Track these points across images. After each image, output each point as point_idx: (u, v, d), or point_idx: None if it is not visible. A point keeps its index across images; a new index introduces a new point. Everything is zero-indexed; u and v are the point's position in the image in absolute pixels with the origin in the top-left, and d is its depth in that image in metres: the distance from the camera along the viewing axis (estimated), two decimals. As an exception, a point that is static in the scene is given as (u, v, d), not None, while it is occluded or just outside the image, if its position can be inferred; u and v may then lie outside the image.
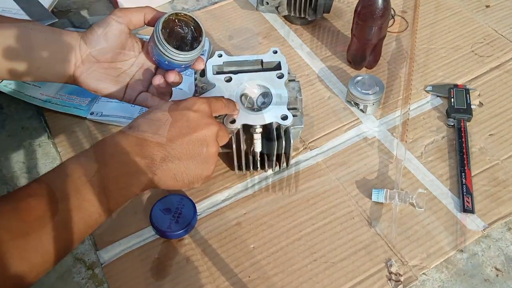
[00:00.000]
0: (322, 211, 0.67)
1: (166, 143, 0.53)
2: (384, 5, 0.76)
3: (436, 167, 0.71)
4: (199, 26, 0.60)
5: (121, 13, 0.61)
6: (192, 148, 0.54)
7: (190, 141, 0.54)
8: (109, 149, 0.52)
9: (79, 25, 0.97)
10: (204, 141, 0.55)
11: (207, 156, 0.55)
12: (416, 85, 0.83)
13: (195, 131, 0.54)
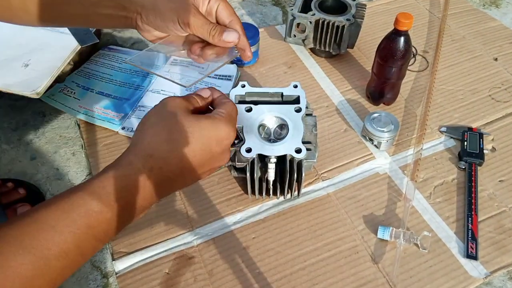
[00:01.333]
0: (328, 243, 0.64)
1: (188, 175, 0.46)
2: (406, 47, 0.72)
3: (443, 209, 0.67)
4: None
5: None
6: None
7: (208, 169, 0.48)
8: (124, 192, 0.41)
9: (122, 43, 0.97)
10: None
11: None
12: (431, 124, 0.79)
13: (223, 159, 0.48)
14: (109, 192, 0.40)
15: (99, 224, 0.39)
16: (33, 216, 0.37)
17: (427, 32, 0.98)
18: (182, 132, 0.43)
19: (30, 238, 0.35)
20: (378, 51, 0.75)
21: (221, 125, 0.46)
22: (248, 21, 1.04)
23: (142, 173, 0.41)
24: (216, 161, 0.47)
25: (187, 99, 0.48)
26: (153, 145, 0.42)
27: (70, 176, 0.73)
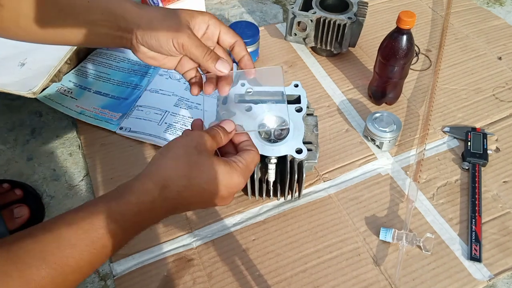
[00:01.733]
0: (329, 245, 0.64)
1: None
2: (408, 46, 0.72)
3: (446, 211, 0.67)
4: None
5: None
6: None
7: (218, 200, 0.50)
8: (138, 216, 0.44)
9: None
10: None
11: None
12: (434, 124, 0.79)
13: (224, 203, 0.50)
14: (125, 217, 0.43)
15: (112, 244, 0.42)
16: (55, 233, 0.39)
17: (430, 31, 0.98)
18: (200, 172, 0.46)
19: (52, 254, 0.38)
20: (380, 50, 0.75)
21: (235, 174, 0.48)
22: (248, 19, 1.04)
23: (156, 202, 0.44)
24: (219, 201, 0.49)
25: (213, 136, 0.50)
26: (172, 178, 0.45)
27: (67, 177, 0.73)
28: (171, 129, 0.77)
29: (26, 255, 0.37)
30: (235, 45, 0.56)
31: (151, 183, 0.44)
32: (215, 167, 0.47)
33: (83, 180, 0.73)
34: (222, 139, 0.51)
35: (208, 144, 0.49)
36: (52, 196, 0.71)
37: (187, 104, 0.82)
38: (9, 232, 0.64)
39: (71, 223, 0.40)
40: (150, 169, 0.46)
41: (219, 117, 0.65)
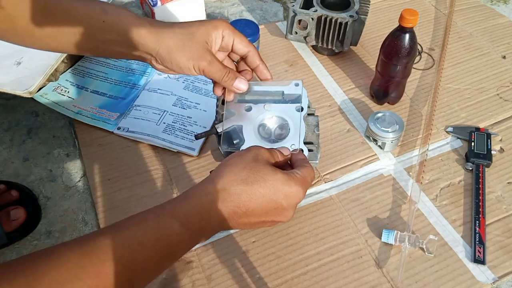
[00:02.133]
0: (331, 247, 0.64)
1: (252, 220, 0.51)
2: (411, 44, 0.72)
3: (450, 212, 0.67)
4: None
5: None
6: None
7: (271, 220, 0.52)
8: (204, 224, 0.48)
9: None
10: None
11: None
12: (437, 124, 0.79)
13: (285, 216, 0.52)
14: (188, 217, 0.46)
15: (177, 244, 0.46)
16: (125, 231, 0.44)
17: (433, 29, 0.98)
18: (258, 177, 0.49)
19: (122, 251, 0.42)
20: (383, 48, 0.75)
21: (293, 183, 0.51)
22: (248, 17, 1.05)
23: (215, 203, 0.48)
24: (279, 214, 0.51)
25: (270, 151, 0.54)
26: (230, 181, 0.49)
27: (64, 177, 0.74)
28: (170, 129, 0.77)
29: (99, 250, 0.41)
30: (248, 55, 0.60)
31: (211, 186, 0.49)
32: (273, 175, 0.50)
33: (80, 181, 0.73)
34: (278, 156, 0.55)
35: (265, 155, 0.53)
36: (48, 197, 0.71)
37: (186, 103, 0.82)
38: (5, 235, 0.64)
39: (139, 223, 0.45)
40: (212, 175, 0.50)
41: (219, 117, 0.65)
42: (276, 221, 0.52)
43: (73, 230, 0.67)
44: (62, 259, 0.40)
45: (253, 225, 0.51)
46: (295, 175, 0.52)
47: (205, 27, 0.57)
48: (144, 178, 0.72)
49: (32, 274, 0.38)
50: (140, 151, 0.76)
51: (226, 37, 0.58)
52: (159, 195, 0.70)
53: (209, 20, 0.58)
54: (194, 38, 0.56)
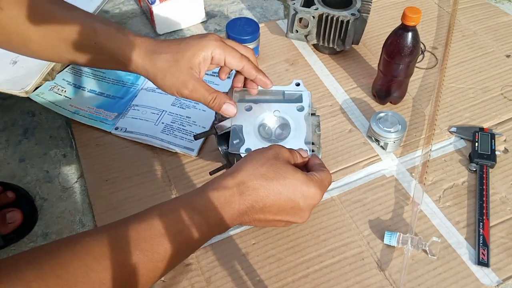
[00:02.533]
0: (332, 249, 0.64)
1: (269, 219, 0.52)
2: (413, 43, 0.73)
3: (453, 214, 0.67)
4: None
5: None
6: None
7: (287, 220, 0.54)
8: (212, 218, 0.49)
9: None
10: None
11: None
12: (440, 124, 0.79)
13: (301, 217, 0.54)
14: (208, 209, 0.48)
15: (196, 235, 0.47)
16: (148, 222, 0.46)
17: (436, 28, 0.98)
18: (277, 174, 0.51)
19: (145, 242, 0.44)
20: (385, 47, 0.75)
21: (311, 184, 0.52)
22: (247, 15, 1.05)
23: (234, 195, 0.49)
24: (295, 214, 0.53)
25: (291, 152, 0.56)
26: (249, 176, 0.50)
27: (61, 178, 0.74)
28: (168, 129, 0.77)
29: (122, 240, 0.44)
30: (243, 69, 0.61)
31: (231, 179, 0.50)
32: (293, 173, 0.52)
33: (77, 182, 0.73)
34: (298, 158, 0.56)
35: (286, 154, 0.54)
36: (45, 199, 0.71)
37: (184, 103, 0.82)
38: (1, 237, 0.64)
39: (161, 214, 0.47)
40: (231, 170, 0.52)
41: (218, 117, 0.65)
42: (291, 222, 0.54)
43: (70, 232, 0.67)
44: (87, 248, 0.42)
45: (268, 222, 0.53)
46: (314, 176, 0.53)
47: (192, 51, 0.58)
48: (142, 179, 0.72)
49: (58, 262, 0.40)
50: (138, 152, 0.76)
51: (217, 56, 0.59)
52: (157, 196, 0.70)
53: (198, 39, 0.59)
54: (178, 65, 0.58)
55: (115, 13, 1.04)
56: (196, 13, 1.00)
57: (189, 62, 0.58)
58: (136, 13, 1.04)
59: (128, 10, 1.05)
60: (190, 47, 0.58)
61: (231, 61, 0.60)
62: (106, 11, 1.04)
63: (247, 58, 0.61)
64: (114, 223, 0.46)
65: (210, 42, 0.58)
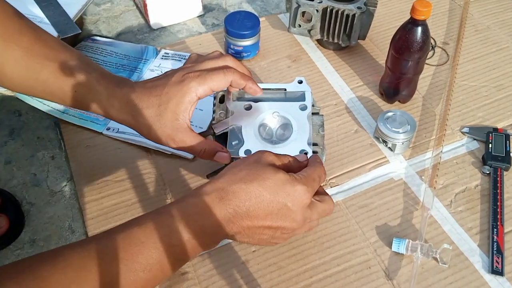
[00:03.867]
0: (337, 257, 0.64)
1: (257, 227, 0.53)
2: (423, 38, 0.73)
3: (465, 219, 0.68)
4: None
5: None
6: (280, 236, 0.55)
7: (281, 231, 0.55)
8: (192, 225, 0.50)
9: (106, 34, 0.97)
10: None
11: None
12: (451, 125, 0.79)
13: (293, 229, 0.55)
14: (187, 215, 0.50)
15: (178, 244, 0.49)
16: (127, 232, 0.48)
17: (447, 22, 0.99)
18: (257, 176, 0.52)
19: (124, 251, 0.46)
20: (393, 42, 0.76)
21: (296, 182, 0.53)
22: (247, 9, 1.05)
23: (213, 201, 0.51)
24: (285, 217, 0.53)
25: (278, 156, 0.56)
26: (228, 181, 0.52)
27: (49, 182, 0.74)
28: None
29: (101, 251, 0.46)
30: (231, 85, 0.61)
31: (209, 186, 0.52)
32: (274, 174, 0.52)
33: (66, 185, 0.74)
34: (290, 161, 0.57)
35: (269, 158, 0.55)
36: (32, 203, 0.71)
37: (180, 102, 0.82)
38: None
39: (141, 223, 0.49)
40: (212, 178, 0.54)
41: (216, 116, 0.65)
42: (285, 228, 0.53)
43: (58, 238, 0.68)
44: (67, 261, 0.44)
45: (260, 231, 0.53)
46: (299, 175, 0.54)
47: (174, 100, 0.59)
48: (135, 182, 0.72)
49: (39, 276, 0.42)
50: (131, 154, 0.76)
51: (201, 92, 0.59)
52: (151, 201, 0.70)
53: (177, 85, 0.59)
54: (162, 119, 0.59)
55: (107, 6, 1.05)
56: (193, 6, 1.01)
57: (173, 113, 0.59)
58: (129, 6, 1.05)
59: (121, 3, 1.06)
60: (172, 97, 0.58)
61: (218, 86, 0.60)
62: (97, 4, 1.04)
63: (231, 70, 0.61)
64: (95, 235, 0.49)
65: (191, 84, 0.59)
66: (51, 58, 0.61)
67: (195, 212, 0.50)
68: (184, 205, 0.51)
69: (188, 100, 0.59)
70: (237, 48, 0.88)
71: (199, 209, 0.50)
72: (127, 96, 0.60)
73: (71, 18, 0.85)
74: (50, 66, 0.60)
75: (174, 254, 0.49)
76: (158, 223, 0.49)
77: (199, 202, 0.51)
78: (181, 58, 0.89)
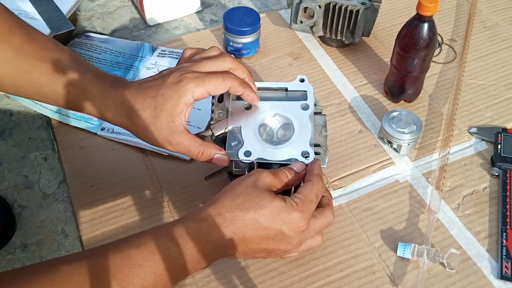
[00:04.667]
0: (340, 262, 0.64)
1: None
2: (430, 35, 0.73)
3: (473, 223, 0.68)
4: None
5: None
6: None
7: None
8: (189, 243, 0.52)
9: (100, 31, 0.98)
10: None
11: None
12: (459, 125, 0.80)
13: (288, 250, 0.57)
14: (185, 240, 0.51)
15: (173, 268, 0.50)
16: (126, 252, 0.49)
17: (454, 18, 0.99)
18: (254, 204, 0.53)
19: (121, 272, 0.47)
20: (398, 39, 0.76)
21: (291, 210, 0.54)
22: (247, 5, 1.05)
23: (211, 227, 0.52)
24: (281, 241, 0.54)
25: (275, 174, 0.57)
26: (226, 207, 0.53)
27: (42, 184, 0.74)
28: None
29: (100, 270, 0.47)
30: (230, 90, 0.62)
31: (208, 211, 0.53)
32: (270, 201, 0.54)
33: (59, 188, 0.74)
34: (287, 177, 0.58)
35: (266, 180, 0.55)
36: (24, 207, 0.71)
37: (178, 101, 0.82)
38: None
39: (139, 244, 0.50)
40: (211, 200, 0.55)
41: (215, 116, 0.66)
42: (282, 250, 0.55)
43: (51, 243, 0.68)
44: (65, 279, 0.46)
45: (256, 252, 0.55)
46: (294, 200, 0.55)
47: (170, 102, 0.58)
48: (131, 185, 0.73)
49: None
50: (127, 155, 0.76)
51: (198, 94, 0.59)
52: (147, 204, 0.70)
53: (174, 86, 0.59)
54: (158, 121, 0.59)
55: (101, 2, 1.05)
56: (190, 2, 1.01)
57: (169, 116, 0.59)
58: (125, 2, 1.05)
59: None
60: (168, 99, 0.58)
61: (215, 90, 0.60)
62: (91, 0, 1.05)
63: (230, 76, 0.61)
64: (93, 250, 0.51)
65: (188, 86, 0.58)
66: (42, 58, 0.61)
67: (193, 237, 0.51)
68: (183, 229, 0.52)
69: (185, 102, 0.59)
70: (236, 45, 0.88)
71: (197, 235, 0.52)
72: (122, 97, 0.60)
73: (64, 14, 0.85)
74: (42, 66, 0.61)
75: (169, 278, 0.50)
76: (157, 245, 0.50)
77: (197, 228, 0.52)
78: (178, 56, 0.89)
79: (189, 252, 0.51)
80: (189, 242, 0.51)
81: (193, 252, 0.51)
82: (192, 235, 0.51)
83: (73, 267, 0.47)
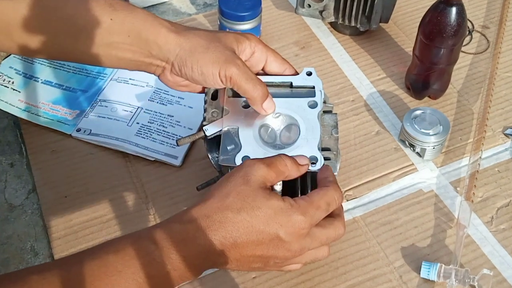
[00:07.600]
0: (354, 284, 0.64)
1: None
2: (459, 21, 0.73)
3: (509, 239, 0.68)
4: None
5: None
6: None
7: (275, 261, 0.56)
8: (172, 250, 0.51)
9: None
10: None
11: None
12: (492, 125, 0.80)
13: (287, 258, 0.56)
14: (170, 244, 0.51)
15: (158, 275, 0.50)
16: (103, 258, 0.49)
17: (487, 2, 0.99)
18: (245, 203, 0.53)
19: (100, 280, 0.48)
20: (422, 26, 0.76)
21: (291, 212, 0.53)
22: (246, -14, 1.05)
23: (198, 230, 0.52)
24: (278, 247, 0.54)
25: (271, 165, 0.56)
26: (214, 208, 0.53)
27: (8, 194, 0.74)
28: (145, 131, 0.78)
29: (74, 279, 0.47)
30: (284, 72, 0.65)
31: (195, 212, 0.53)
32: (265, 201, 0.53)
33: (28, 198, 0.74)
34: (286, 165, 0.56)
35: (259, 173, 0.54)
36: (-13, 220, 0.72)
37: (166, 98, 0.83)
38: None
39: (118, 249, 0.50)
40: (198, 201, 0.55)
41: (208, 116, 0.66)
42: (280, 258, 0.55)
43: (19, 262, 0.68)
44: None
45: (251, 261, 0.55)
46: (297, 202, 0.54)
47: (234, 35, 0.62)
48: (111, 195, 0.73)
49: None
50: (106, 160, 0.77)
51: (258, 53, 0.62)
52: (130, 217, 0.70)
53: (234, 33, 0.63)
54: (221, 41, 0.60)
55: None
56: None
57: (232, 43, 0.61)
58: None
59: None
60: (228, 35, 0.62)
61: (273, 63, 0.63)
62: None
63: (289, 63, 0.66)
64: (66, 259, 0.51)
65: (250, 36, 0.62)
66: None
67: (179, 241, 0.51)
68: (166, 232, 0.52)
69: (245, 45, 0.62)
70: None
71: (183, 238, 0.51)
72: (174, 23, 0.62)
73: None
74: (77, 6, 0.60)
75: (153, 286, 0.50)
76: (138, 250, 0.50)
77: (182, 230, 0.52)
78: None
79: (174, 257, 0.50)
80: (174, 246, 0.51)
81: (178, 258, 0.51)
82: (177, 238, 0.51)
83: (43, 278, 0.47)
